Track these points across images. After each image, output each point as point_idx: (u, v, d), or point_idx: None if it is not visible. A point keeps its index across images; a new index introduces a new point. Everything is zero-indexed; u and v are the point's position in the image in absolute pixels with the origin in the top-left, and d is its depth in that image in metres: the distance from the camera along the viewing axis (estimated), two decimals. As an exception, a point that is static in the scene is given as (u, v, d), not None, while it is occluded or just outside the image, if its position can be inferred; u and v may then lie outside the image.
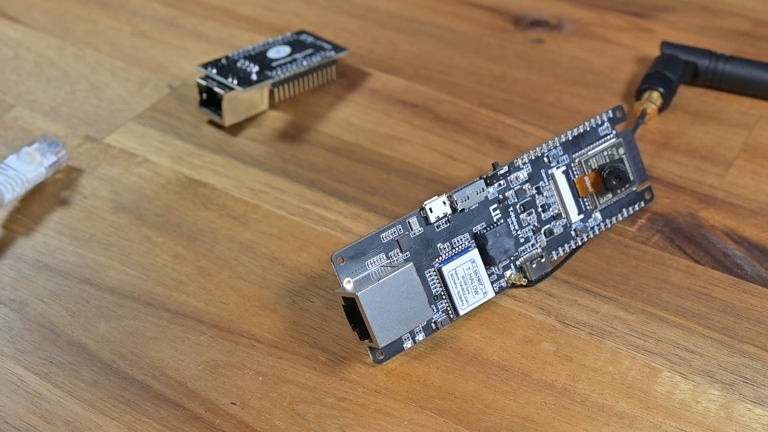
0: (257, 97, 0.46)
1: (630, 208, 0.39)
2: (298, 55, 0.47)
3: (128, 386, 0.34)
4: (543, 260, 0.37)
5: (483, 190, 0.36)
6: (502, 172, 0.36)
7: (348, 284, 0.33)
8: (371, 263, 0.34)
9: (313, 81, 0.47)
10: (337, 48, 0.48)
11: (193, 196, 0.42)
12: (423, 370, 0.34)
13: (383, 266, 0.34)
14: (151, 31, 0.51)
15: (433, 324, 0.35)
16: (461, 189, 0.35)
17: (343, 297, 0.33)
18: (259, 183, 0.42)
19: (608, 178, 0.38)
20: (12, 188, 0.39)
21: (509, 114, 0.45)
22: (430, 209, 0.35)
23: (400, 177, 0.42)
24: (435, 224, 0.35)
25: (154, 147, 0.44)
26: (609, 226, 0.39)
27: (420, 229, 0.35)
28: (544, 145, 0.37)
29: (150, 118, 0.46)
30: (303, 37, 0.48)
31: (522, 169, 0.37)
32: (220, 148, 0.44)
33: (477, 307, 0.36)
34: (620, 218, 0.39)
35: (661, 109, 0.44)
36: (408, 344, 0.35)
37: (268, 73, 0.45)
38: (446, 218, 0.35)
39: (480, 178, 0.36)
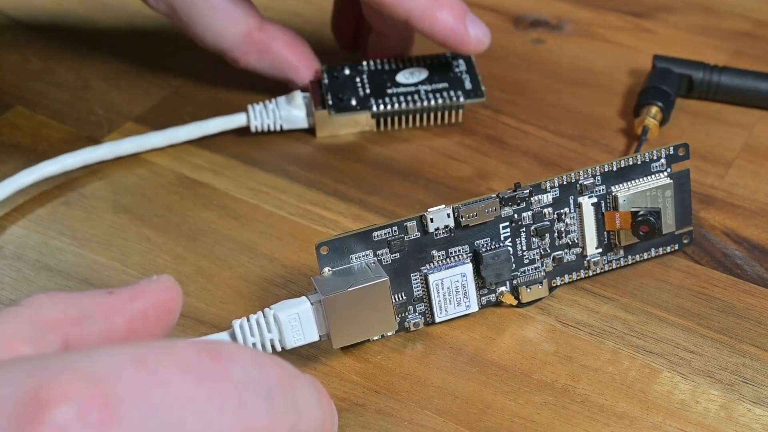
0: (360, 119, 0.43)
1: (661, 249, 0.37)
2: (425, 87, 0.43)
3: (128, 386, 0.34)
4: (541, 287, 0.35)
5: (495, 210, 0.34)
6: (522, 195, 0.34)
7: (327, 273, 0.33)
8: (356, 257, 0.33)
9: (426, 119, 0.44)
10: (472, 92, 0.43)
11: (194, 196, 0.42)
12: (423, 371, 0.34)
13: (367, 264, 0.33)
14: (151, 31, 0.51)
15: (406, 323, 0.35)
16: (471, 204, 0.33)
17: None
18: (259, 183, 0.42)
19: (636, 226, 0.35)
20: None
21: (509, 114, 0.45)
22: (431, 219, 0.33)
23: (400, 177, 0.42)
24: (433, 233, 0.34)
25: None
26: (630, 262, 0.37)
27: (417, 234, 0.33)
28: (581, 172, 0.34)
29: (151, 119, 0.46)
30: (456, 63, 0.44)
31: (548, 192, 0.34)
32: (220, 148, 0.44)
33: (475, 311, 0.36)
34: (646, 257, 0.37)
35: (662, 123, 0.43)
36: (376, 337, 0.35)
37: (375, 100, 0.43)
38: (447, 229, 0.34)
39: (496, 196, 0.34)
